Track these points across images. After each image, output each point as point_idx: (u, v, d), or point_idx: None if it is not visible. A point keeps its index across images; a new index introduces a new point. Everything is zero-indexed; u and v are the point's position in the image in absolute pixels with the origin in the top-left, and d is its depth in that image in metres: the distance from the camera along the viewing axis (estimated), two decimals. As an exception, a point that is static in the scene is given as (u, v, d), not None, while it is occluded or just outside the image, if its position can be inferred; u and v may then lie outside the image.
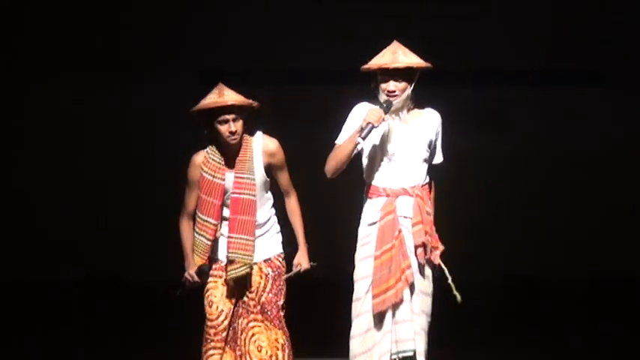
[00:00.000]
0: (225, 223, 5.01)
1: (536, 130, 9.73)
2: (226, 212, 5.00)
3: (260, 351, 4.93)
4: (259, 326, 4.95)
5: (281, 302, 4.99)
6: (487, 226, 9.39)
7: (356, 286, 5.02)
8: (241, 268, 4.92)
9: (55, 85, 9.74)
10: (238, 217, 4.95)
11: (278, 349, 4.95)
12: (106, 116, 9.79)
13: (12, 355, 7.11)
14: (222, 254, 5.01)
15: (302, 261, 5.09)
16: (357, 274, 5.02)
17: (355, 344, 4.98)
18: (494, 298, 9.05)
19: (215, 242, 5.02)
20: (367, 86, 5.08)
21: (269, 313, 4.95)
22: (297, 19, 9.63)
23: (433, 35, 8.48)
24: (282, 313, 4.98)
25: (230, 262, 4.94)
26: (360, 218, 5.08)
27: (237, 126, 4.91)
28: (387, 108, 4.86)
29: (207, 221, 4.99)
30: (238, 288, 4.98)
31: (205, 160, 5.00)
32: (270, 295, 4.97)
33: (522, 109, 9.78)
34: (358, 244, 5.04)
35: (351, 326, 5.01)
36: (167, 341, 7.36)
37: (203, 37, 9.62)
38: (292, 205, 5.12)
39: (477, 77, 9.60)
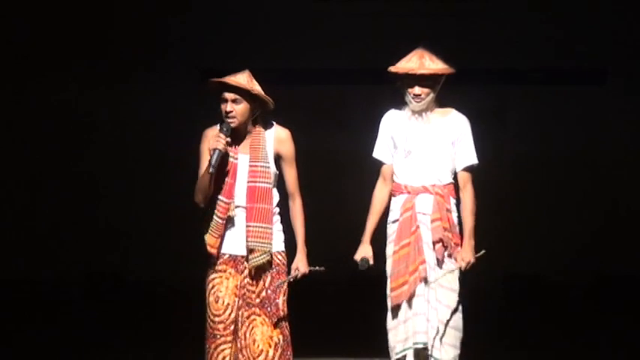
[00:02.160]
0: (231, 220, 4.99)
1: (537, 129, 9.72)
2: (240, 201, 4.96)
3: (254, 344, 4.94)
4: (257, 320, 4.95)
5: (280, 300, 4.97)
6: (488, 226, 9.36)
7: (387, 282, 5.24)
8: (261, 256, 4.92)
9: (55, 84, 9.74)
10: (255, 205, 4.93)
11: (270, 347, 4.94)
12: (106, 115, 9.79)
13: (11, 354, 7.10)
14: (227, 248, 4.99)
15: (300, 265, 5.05)
16: (387, 271, 5.24)
17: (391, 337, 5.22)
18: (495, 298, 9.04)
19: (224, 231, 4.98)
20: (368, 86, 5.12)
21: (267, 309, 4.95)
22: (297, 18, 9.62)
23: (433, 34, 8.46)
24: (281, 312, 4.97)
25: (250, 250, 4.93)
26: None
27: (236, 108, 4.89)
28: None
29: (219, 199, 4.96)
30: (241, 281, 4.96)
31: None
32: (269, 291, 4.96)
33: (523, 108, 9.77)
34: (387, 242, 5.25)
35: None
36: (167, 341, 7.35)
37: (203, 36, 9.61)
38: (296, 208, 5.07)
39: (476, 76, 9.59)
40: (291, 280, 5.02)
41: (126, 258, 9.64)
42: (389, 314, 5.23)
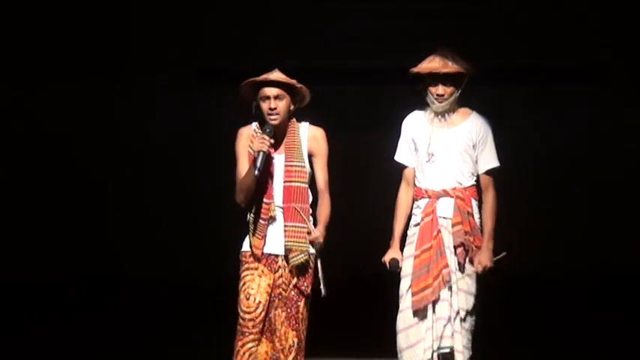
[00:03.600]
0: (271, 219, 4.96)
1: (536, 129, 9.72)
2: (278, 201, 4.94)
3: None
4: None
5: (302, 303, 4.96)
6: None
7: (400, 283, 5.21)
8: (300, 256, 4.91)
9: (54, 84, 9.74)
10: (292, 205, 4.92)
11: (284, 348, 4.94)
12: (105, 115, 9.79)
13: (11, 354, 7.10)
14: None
15: (317, 233, 4.93)
16: (402, 272, 5.21)
17: (400, 339, 5.15)
18: (496, 296, 9.03)
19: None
20: (367, 87, 5.10)
21: (288, 310, 4.94)
22: (296, 18, 9.61)
23: (433, 34, 8.47)
24: (301, 315, 4.96)
25: (289, 250, 4.92)
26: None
27: (279, 105, 4.89)
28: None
29: (262, 201, 4.93)
30: (276, 280, 4.95)
31: (253, 136, 4.94)
32: (293, 292, 4.95)
33: (523, 108, 9.78)
34: (406, 243, 5.24)
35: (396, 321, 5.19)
36: (167, 341, 7.35)
37: (201, 36, 9.60)
38: (325, 203, 4.98)
39: (476, 76, 9.57)
40: (316, 249, 4.95)
41: (126, 258, 9.64)
42: (400, 315, 5.17)
